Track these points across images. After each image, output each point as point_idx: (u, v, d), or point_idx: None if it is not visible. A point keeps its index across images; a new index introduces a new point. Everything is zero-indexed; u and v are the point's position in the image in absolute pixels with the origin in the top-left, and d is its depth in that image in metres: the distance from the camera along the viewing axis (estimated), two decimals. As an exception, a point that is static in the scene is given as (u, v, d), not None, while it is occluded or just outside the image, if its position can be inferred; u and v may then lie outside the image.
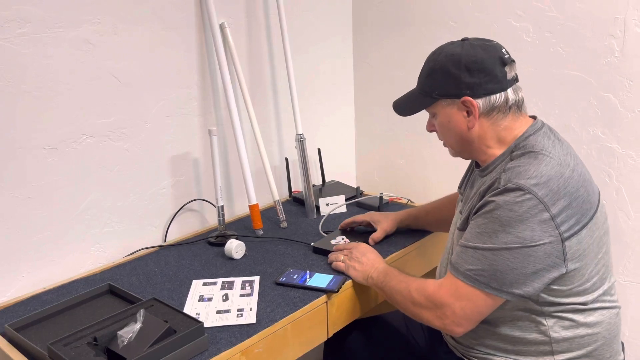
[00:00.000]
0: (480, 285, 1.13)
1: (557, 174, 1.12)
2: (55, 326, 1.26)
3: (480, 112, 1.19)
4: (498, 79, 1.18)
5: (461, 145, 1.26)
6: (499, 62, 1.18)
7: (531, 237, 1.09)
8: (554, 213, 1.09)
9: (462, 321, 1.17)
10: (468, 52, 1.18)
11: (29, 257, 1.44)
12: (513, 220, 1.10)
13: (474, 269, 1.14)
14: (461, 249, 1.18)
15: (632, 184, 1.66)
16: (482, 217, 1.15)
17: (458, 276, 1.16)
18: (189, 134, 1.74)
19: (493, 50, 1.19)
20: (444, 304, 1.17)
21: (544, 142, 1.18)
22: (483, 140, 1.22)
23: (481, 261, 1.13)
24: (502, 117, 1.20)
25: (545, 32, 1.71)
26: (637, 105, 1.60)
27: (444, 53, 1.21)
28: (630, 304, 1.75)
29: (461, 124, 1.22)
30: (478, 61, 1.17)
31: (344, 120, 2.28)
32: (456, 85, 1.19)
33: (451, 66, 1.19)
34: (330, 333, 1.41)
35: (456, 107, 1.21)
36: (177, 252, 1.63)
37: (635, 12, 1.55)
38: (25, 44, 1.35)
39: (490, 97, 1.18)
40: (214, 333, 1.22)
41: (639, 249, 1.70)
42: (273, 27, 1.91)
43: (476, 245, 1.14)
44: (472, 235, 1.16)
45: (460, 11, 1.88)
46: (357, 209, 1.90)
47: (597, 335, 1.20)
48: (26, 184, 1.41)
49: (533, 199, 1.09)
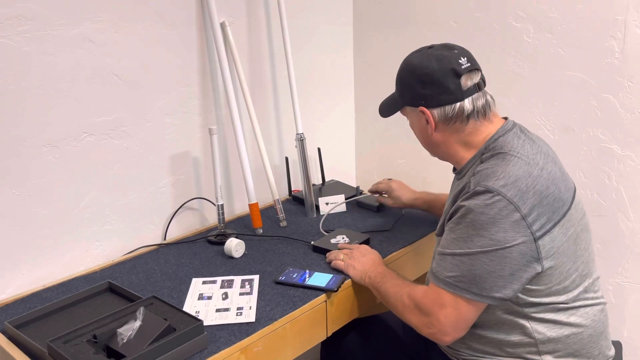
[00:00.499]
0: (462, 292, 1.14)
1: (525, 173, 1.13)
2: (55, 324, 1.26)
3: (436, 121, 1.22)
4: (450, 90, 1.19)
5: (430, 149, 1.33)
6: (451, 74, 1.19)
7: (504, 238, 1.10)
8: (525, 213, 1.10)
9: (449, 330, 1.17)
10: (422, 64, 1.22)
11: (29, 255, 1.45)
12: (485, 223, 1.11)
13: (453, 276, 1.15)
14: (439, 257, 1.19)
15: (632, 185, 1.66)
16: (455, 222, 1.17)
17: (439, 284, 1.17)
18: (189, 132, 1.74)
19: (447, 62, 1.20)
20: (429, 313, 1.18)
21: (513, 142, 1.19)
22: (448, 145, 1.25)
23: (459, 267, 1.14)
24: (462, 125, 1.22)
25: (546, 32, 1.71)
26: (637, 107, 1.61)
27: (405, 63, 1.28)
28: (628, 304, 1.75)
29: (424, 130, 1.27)
30: (429, 73, 1.20)
31: (344, 120, 2.29)
32: (413, 96, 1.24)
33: (408, 77, 1.25)
34: (330, 332, 1.42)
35: (417, 114, 1.26)
36: (177, 250, 1.63)
37: (636, 13, 1.55)
38: (27, 42, 1.35)
39: (445, 107, 1.21)
40: (213, 331, 1.22)
41: (638, 250, 1.70)
42: (274, 26, 1.91)
43: (453, 252, 1.16)
44: (448, 242, 1.18)
45: (461, 11, 1.88)
46: (357, 208, 1.90)
47: (582, 333, 1.20)
48: (26, 182, 1.41)
49: (503, 200, 1.10)
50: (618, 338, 1.72)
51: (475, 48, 1.85)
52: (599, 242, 1.74)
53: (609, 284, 1.76)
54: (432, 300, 1.18)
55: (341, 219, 1.82)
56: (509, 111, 1.72)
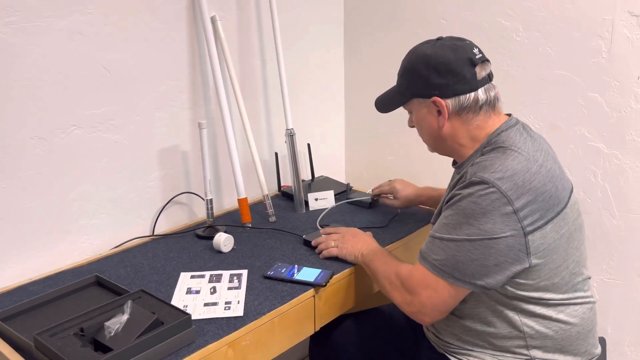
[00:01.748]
0: (444, 275, 1.17)
1: (524, 168, 1.14)
2: (41, 317, 1.26)
3: (449, 112, 1.22)
4: (467, 79, 1.20)
5: (435, 143, 1.31)
6: (467, 63, 1.20)
7: (492, 229, 1.11)
8: (517, 207, 1.11)
9: (429, 311, 1.20)
10: (437, 53, 1.21)
11: (15, 248, 1.44)
12: (476, 212, 1.12)
13: (438, 259, 1.18)
14: (429, 239, 1.22)
15: (617, 183, 1.68)
16: (448, 209, 1.19)
17: (425, 265, 1.20)
18: (179, 126, 1.74)
19: (462, 51, 1.21)
20: (413, 292, 1.22)
21: (515, 137, 1.20)
22: (455, 138, 1.25)
23: (445, 251, 1.16)
24: (474, 117, 1.23)
25: (535, 31, 1.73)
26: (623, 106, 1.63)
27: (417, 53, 1.26)
28: (612, 302, 1.77)
29: (433, 123, 1.26)
30: (446, 62, 1.20)
31: (333, 116, 2.29)
32: (426, 86, 1.23)
33: (421, 67, 1.23)
34: (318, 327, 1.42)
35: (427, 106, 1.25)
36: (165, 244, 1.63)
37: (623, 13, 1.57)
38: (15, 33, 1.34)
39: (460, 97, 1.21)
40: (201, 325, 1.22)
41: (622, 247, 1.72)
42: (264, 21, 1.91)
43: (441, 236, 1.18)
44: (439, 226, 1.20)
45: (451, 10, 1.89)
46: (346, 205, 1.90)
47: (571, 330, 1.22)
48: (13, 175, 1.40)
49: (496, 192, 1.11)
50: (602, 334, 1.75)
51: (464, 46, 1.87)
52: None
53: (593, 281, 1.78)
54: (417, 280, 1.21)
55: (332, 214, 1.83)
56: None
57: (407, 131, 2.13)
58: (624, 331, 1.78)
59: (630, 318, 1.76)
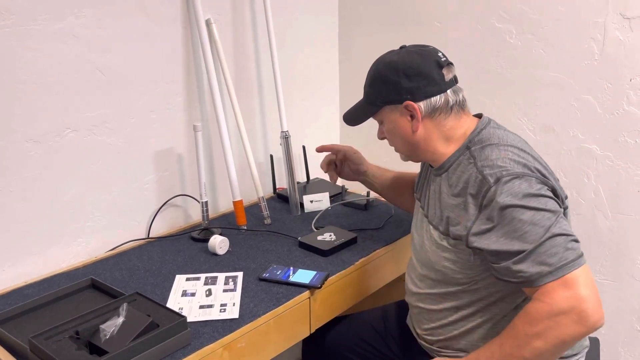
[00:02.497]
0: (576, 264, 1.05)
1: (524, 159, 1.15)
2: (36, 320, 1.26)
3: (422, 114, 1.23)
4: (436, 81, 1.22)
5: (409, 149, 1.30)
6: (435, 66, 1.22)
7: (554, 205, 1.09)
8: (546, 182, 1.13)
9: (594, 301, 1.03)
10: (404, 59, 1.23)
11: (10, 251, 1.43)
12: (531, 202, 1.07)
13: (559, 259, 1.04)
14: (518, 267, 1.07)
15: (610, 184, 1.69)
16: (503, 225, 1.09)
17: (548, 279, 1.05)
18: (174, 129, 1.74)
19: (428, 55, 1.23)
20: (569, 302, 1.03)
21: (497, 133, 1.22)
22: (429, 141, 1.25)
23: (554, 247, 1.05)
24: (445, 118, 1.24)
25: (528, 34, 1.74)
26: (615, 108, 1.64)
27: (383, 62, 1.27)
28: (605, 302, 1.77)
29: (406, 128, 1.26)
30: (414, 66, 1.21)
31: (329, 118, 2.29)
32: (397, 91, 1.23)
33: (390, 73, 1.23)
34: (313, 329, 1.43)
35: (399, 112, 1.25)
36: (161, 247, 1.63)
37: (615, 16, 1.58)
38: (8, 36, 1.34)
39: (431, 99, 1.22)
40: (196, 328, 1.22)
41: (615, 248, 1.73)
42: (259, 23, 1.91)
43: (525, 250, 1.06)
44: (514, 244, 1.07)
45: (445, 12, 1.90)
46: (342, 207, 1.91)
47: None
48: (8, 177, 1.40)
49: (532, 177, 1.11)
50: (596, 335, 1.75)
51: (458, 48, 1.88)
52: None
53: (587, 281, 1.79)
54: (558, 298, 1.04)
55: (330, 216, 1.83)
56: (491, 111, 1.74)
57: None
58: (617, 332, 1.79)
59: (624, 318, 1.77)
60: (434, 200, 1.28)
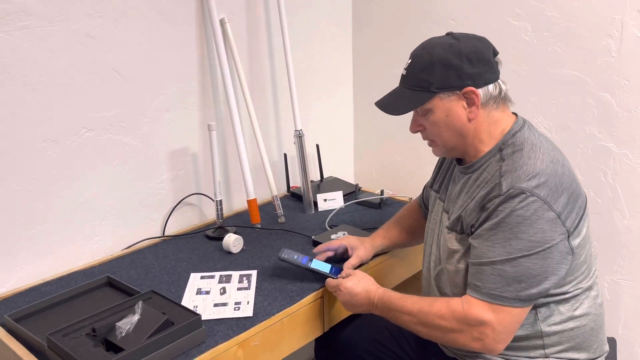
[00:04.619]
0: (511, 302, 1.12)
1: (552, 171, 1.13)
2: (54, 317, 1.27)
3: (481, 102, 1.19)
4: (494, 69, 1.20)
5: (456, 141, 1.23)
6: (492, 53, 1.20)
7: (543, 238, 1.09)
8: (558, 211, 1.10)
9: (502, 336, 1.14)
10: (466, 43, 1.18)
11: (28, 249, 1.46)
12: (522, 225, 1.09)
13: (498, 287, 1.12)
14: (477, 268, 1.15)
15: (628, 183, 1.67)
16: (490, 229, 1.13)
17: (482, 298, 1.13)
18: (188, 128, 1.75)
19: (486, 41, 1.21)
20: (481, 322, 1.13)
21: (531, 138, 1.19)
22: (477, 133, 1.22)
23: (502, 277, 1.11)
24: (495, 108, 1.21)
25: (544, 31, 1.72)
26: (633, 105, 1.62)
27: (440, 46, 1.19)
28: (623, 302, 1.76)
29: (461, 116, 1.19)
30: (478, 51, 1.17)
31: (342, 117, 2.29)
32: (458, 76, 1.17)
33: (452, 57, 1.16)
34: (326, 328, 1.43)
35: (456, 99, 1.18)
36: (176, 245, 1.64)
37: (633, 12, 1.56)
38: (27, 37, 1.36)
39: (489, 87, 1.19)
40: (211, 325, 1.23)
41: (633, 248, 1.71)
42: (273, 23, 1.92)
43: (492, 260, 1.12)
44: (485, 250, 1.14)
45: (460, 9, 1.89)
46: (355, 206, 1.91)
47: (585, 326, 1.22)
48: (26, 176, 1.42)
49: (537, 201, 1.09)
50: (613, 335, 1.74)
51: (473, 46, 1.87)
52: (594, 240, 1.74)
53: (604, 281, 1.77)
54: (476, 313, 1.13)
55: (343, 215, 1.83)
56: (506, 109, 1.73)
57: (416, 132, 2.14)
58: (635, 331, 1.77)
59: (642, 318, 1.75)
60: (455, 198, 1.27)
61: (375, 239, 1.53)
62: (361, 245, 1.49)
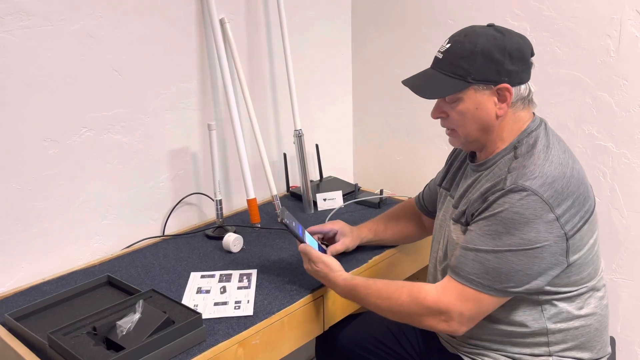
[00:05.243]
0: (484, 289, 1.13)
1: (560, 174, 1.12)
2: (54, 316, 1.28)
3: (512, 99, 1.18)
4: (529, 69, 1.20)
5: (478, 135, 1.21)
6: (530, 52, 1.19)
7: (536, 238, 1.10)
8: (559, 214, 1.10)
9: (467, 321, 1.16)
10: (511, 40, 1.16)
11: (28, 248, 1.46)
12: (517, 222, 1.10)
13: (476, 273, 1.14)
14: (462, 252, 1.17)
15: (626, 182, 1.68)
16: (485, 219, 1.15)
17: (460, 280, 1.15)
18: (188, 128, 1.76)
19: (527, 40, 1.20)
20: (450, 309, 1.15)
21: (545, 140, 1.19)
22: (501, 131, 1.21)
23: (483, 264, 1.13)
24: (522, 109, 1.21)
25: (543, 31, 1.73)
26: (631, 105, 1.62)
27: (484, 36, 1.15)
28: (622, 301, 1.77)
29: (490, 111, 1.18)
30: (520, 49, 1.16)
31: (341, 117, 2.30)
32: (497, 71, 1.15)
33: (496, 51, 1.14)
34: (326, 327, 1.43)
35: (489, 93, 1.17)
36: (176, 244, 1.64)
37: (631, 12, 1.56)
38: (27, 37, 1.36)
39: (521, 86, 1.18)
40: (211, 324, 1.23)
41: (632, 247, 1.72)
42: (272, 22, 1.92)
43: (477, 248, 1.14)
44: (474, 238, 1.16)
45: (459, 9, 1.89)
46: (355, 205, 1.91)
47: (590, 326, 1.22)
48: (27, 176, 1.42)
49: (539, 201, 1.09)
50: (612, 334, 1.74)
51: (472, 46, 1.87)
52: (593, 239, 1.75)
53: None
54: (453, 296, 1.15)
55: (342, 215, 1.84)
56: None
57: (415, 132, 2.15)
58: (634, 331, 1.77)
59: (640, 318, 1.75)
60: (464, 192, 1.27)
61: (362, 229, 1.55)
62: (350, 234, 1.51)
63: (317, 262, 1.34)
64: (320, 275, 1.34)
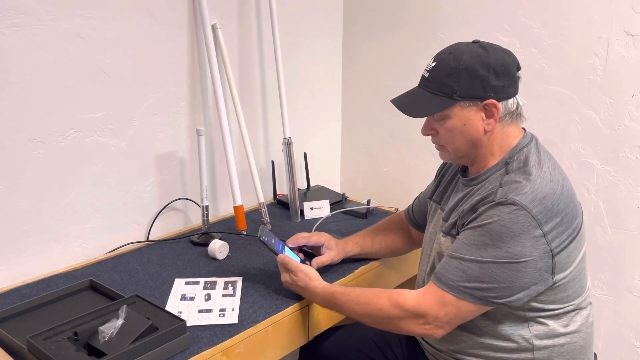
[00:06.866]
0: (464, 296, 1.14)
1: (551, 191, 1.13)
2: (35, 320, 1.25)
3: (500, 115, 1.19)
4: (516, 83, 1.20)
5: (467, 150, 1.23)
6: (516, 67, 1.20)
7: (521, 252, 1.10)
8: (546, 230, 1.11)
9: (445, 325, 1.18)
10: (495, 55, 1.17)
11: (9, 250, 1.43)
12: (504, 235, 1.11)
13: (457, 280, 1.15)
14: (446, 259, 1.18)
15: (610, 199, 1.70)
16: (472, 229, 1.15)
17: (440, 286, 1.17)
18: (177, 132, 1.74)
19: (512, 55, 1.21)
20: (427, 312, 1.17)
21: (536, 156, 1.20)
22: (490, 145, 1.22)
23: (466, 272, 1.14)
24: (510, 123, 1.21)
25: (532, 48, 1.75)
26: (617, 123, 1.65)
27: (468, 54, 1.16)
28: (603, 317, 1.78)
29: (478, 126, 1.19)
30: (505, 64, 1.17)
31: (330, 126, 2.30)
32: (482, 87, 1.16)
33: (480, 68, 1.15)
34: (310, 336, 1.43)
35: (476, 109, 1.18)
36: (160, 250, 1.63)
37: (619, 32, 1.59)
38: (16, 35, 1.34)
39: (508, 101, 1.19)
40: (195, 332, 1.22)
41: (614, 263, 1.74)
42: (264, 30, 1.92)
43: (462, 257, 1.15)
44: (460, 246, 1.17)
45: (449, 23, 1.91)
46: (342, 215, 1.91)
47: (575, 343, 1.23)
48: (10, 176, 1.40)
49: (527, 216, 1.10)
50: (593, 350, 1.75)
51: (462, 60, 1.89)
52: (577, 255, 1.77)
53: (585, 296, 1.79)
54: (432, 301, 1.17)
55: (329, 224, 1.83)
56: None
57: (403, 143, 2.16)
58: (615, 347, 1.79)
59: (622, 334, 1.77)
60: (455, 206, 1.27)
61: (348, 243, 1.54)
62: (336, 247, 1.50)
63: (296, 272, 1.33)
64: (300, 285, 1.33)
